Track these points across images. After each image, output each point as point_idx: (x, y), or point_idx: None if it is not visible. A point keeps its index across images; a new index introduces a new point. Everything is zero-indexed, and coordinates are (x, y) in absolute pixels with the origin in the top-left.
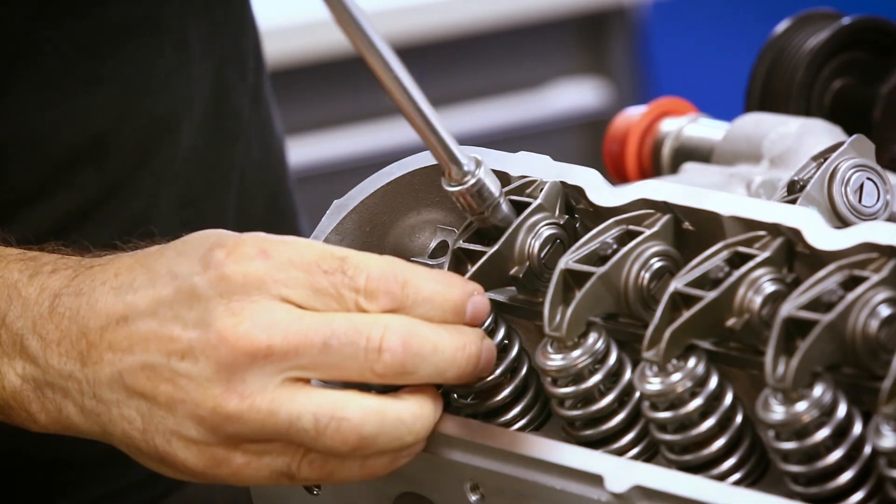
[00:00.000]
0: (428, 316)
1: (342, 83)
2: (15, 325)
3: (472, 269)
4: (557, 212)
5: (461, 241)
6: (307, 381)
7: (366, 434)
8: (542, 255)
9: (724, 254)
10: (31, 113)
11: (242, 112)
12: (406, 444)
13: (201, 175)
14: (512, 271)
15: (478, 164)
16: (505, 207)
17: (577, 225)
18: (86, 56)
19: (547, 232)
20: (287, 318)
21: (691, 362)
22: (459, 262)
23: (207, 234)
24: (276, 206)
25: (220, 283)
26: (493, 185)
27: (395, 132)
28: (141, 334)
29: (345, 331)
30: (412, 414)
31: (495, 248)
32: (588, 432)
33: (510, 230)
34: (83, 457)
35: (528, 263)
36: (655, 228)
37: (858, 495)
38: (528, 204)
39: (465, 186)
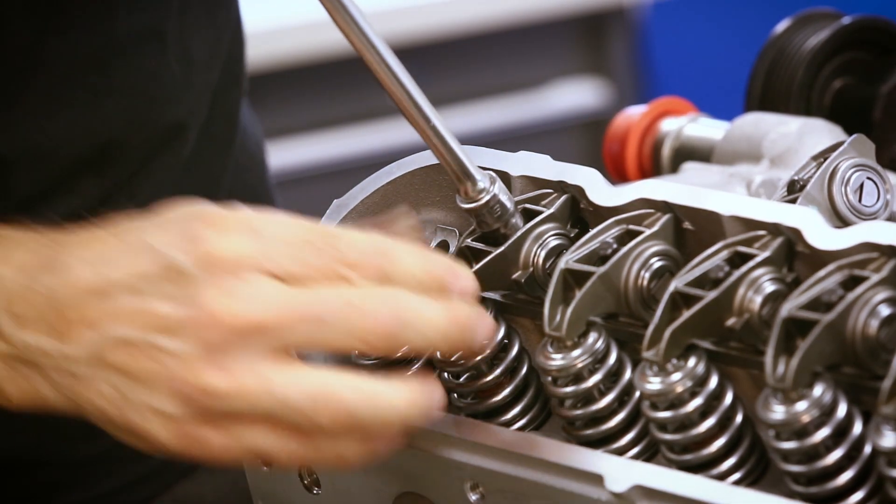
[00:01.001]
0: (415, 289)
1: (342, 83)
2: None
3: (475, 267)
4: (569, 226)
5: (468, 240)
6: (298, 359)
7: (358, 413)
8: (548, 264)
9: (724, 253)
10: (37, 124)
11: (234, 117)
12: (394, 428)
13: (196, 180)
14: (514, 275)
15: (492, 180)
16: (519, 222)
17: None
18: (92, 68)
19: (554, 242)
20: (277, 293)
21: (691, 362)
22: (464, 260)
23: (188, 209)
24: (259, 207)
25: (206, 261)
26: (508, 200)
27: (395, 132)
28: (121, 309)
29: (335, 303)
30: (405, 398)
31: (500, 249)
32: (588, 432)
33: (518, 234)
34: (73, 457)
35: (531, 270)
36: (655, 228)
37: (858, 495)
38: (541, 212)
39: (481, 203)
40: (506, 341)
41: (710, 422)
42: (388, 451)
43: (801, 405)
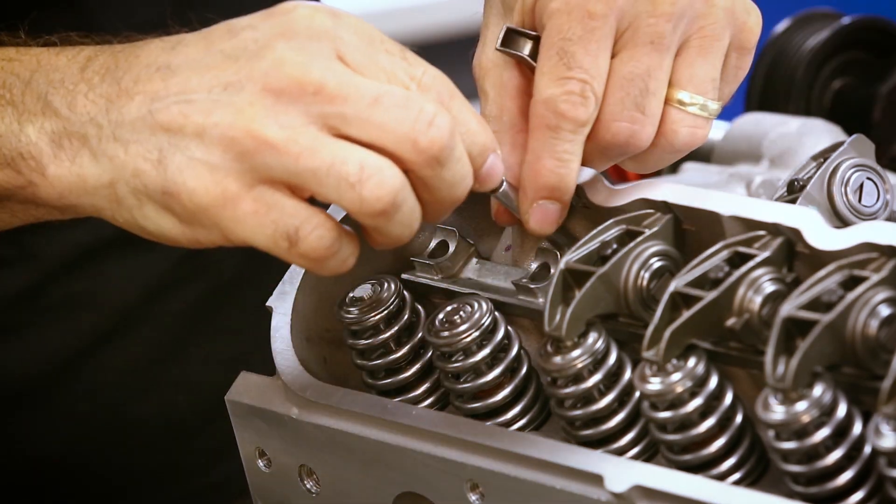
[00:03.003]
0: (463, 130)
1: None
2: (40, 85)
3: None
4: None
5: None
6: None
7: (398, 200)
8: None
9: (724, 253)
10: None
11: None
12: (414, 228)
13: None
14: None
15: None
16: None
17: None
18: None
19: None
20: (343, 69)
21: (691, 362)
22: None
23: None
24: None
25: (284, 27)
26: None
27: None
28: (183, 73)
29: (399, 96)
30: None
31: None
32: (588, 432)
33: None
34: (130, 467)
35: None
36: (655, 228)
37: (858, 495)
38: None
39: None
40: (506, 341)
41: (709, 422)
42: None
43: (800, 405)
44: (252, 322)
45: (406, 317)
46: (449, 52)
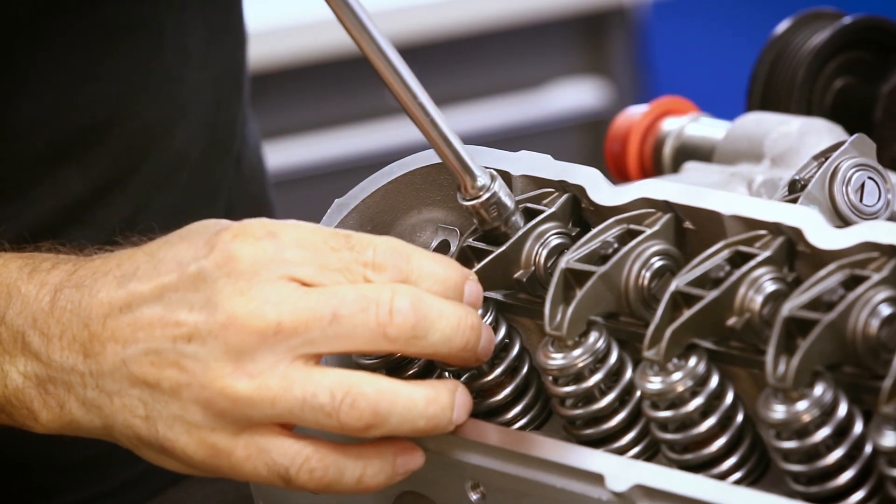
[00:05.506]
0: (431, 290)
1: (343, 83)
2: (15, 322)
3: (477, 266)
4: (570, 224)
5: (470, 240)
6: (318, 360)
7: (380, 410)
8: (549, 263)
9: (725, 253)
10: (12, 104)
11: (236, 124)
12: (418, 428)
13: (194, 185)
14: (516, 275)
15: (493, 177)
16: (519, 220)
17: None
18: (77, 53)
19: (555, 241)
20: (295, 294)
21: (692, 361)
22: (466, 260)
23: (211, 221)
24: (259, 217)
25: (227, 264)
26: (508, 199)
27: (395, 132)
28: (145, 320)
29: (354, 299)
30: (425, 396)
31: (502, 248)
32: (589, 431)
33: (519, 233)
34: (61, 461)
35: (533, 269)
36: (656, 227)
37: (859, 494)
38: (542, 212)
39: (481, 200)
40: (506, 341)
41: (710, 421)
42: (407, 473)
43: (801, 405)
44: None
45: None
46: (449, 52)
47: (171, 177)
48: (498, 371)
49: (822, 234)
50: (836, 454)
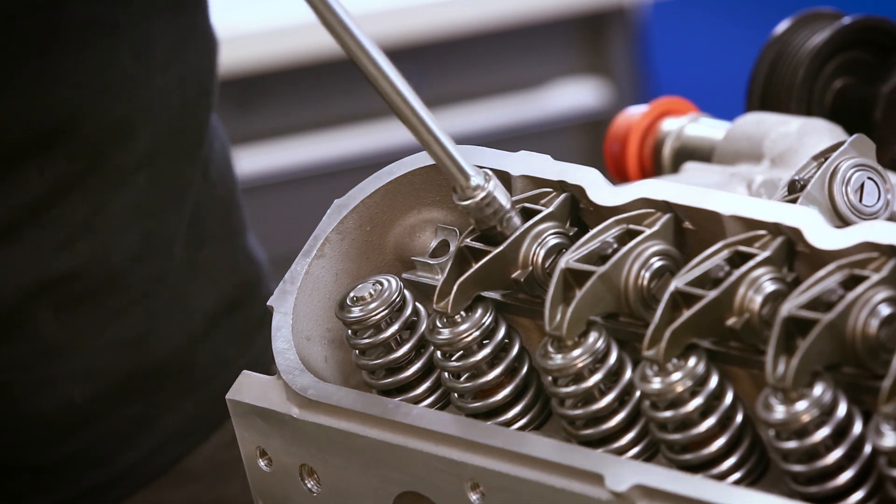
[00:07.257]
0: None
1: (342, 83)
2: None
3: (474, 267)
4: (568, 224)
5: (467, 240)
6: None
7: None
8: (547, 263)
9: (725, 253)
10: None
11: (204, 129)
12: None
13: (158, 187)
14: (514, 275)
15: (487, 177)
16: (516, 220)
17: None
18: (36, 55)
19: (553, 241)
20: None
21: (691, 361)
22: (463, 260)
23: None
24: (228, 221)
25: None
26: (504, 198)
27: (394, 132)
28: None
29: None
30: None
31: (499, 249)
32: (588, 431)
33: (517, 233)
34: (35, 464)
35: (530, 269)
36: (656, 228)
37: (858, 495)
38: (540, 211)
39: (476, 200)
40: (506, 341)
41: (710, 421)
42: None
43: (801, 405)
44: (143, 305)
45: (407, 316)
46: (448, 53)
47: (129, 178)
48: (497, 371)
49: (821, 234)
50: (836, 454)
